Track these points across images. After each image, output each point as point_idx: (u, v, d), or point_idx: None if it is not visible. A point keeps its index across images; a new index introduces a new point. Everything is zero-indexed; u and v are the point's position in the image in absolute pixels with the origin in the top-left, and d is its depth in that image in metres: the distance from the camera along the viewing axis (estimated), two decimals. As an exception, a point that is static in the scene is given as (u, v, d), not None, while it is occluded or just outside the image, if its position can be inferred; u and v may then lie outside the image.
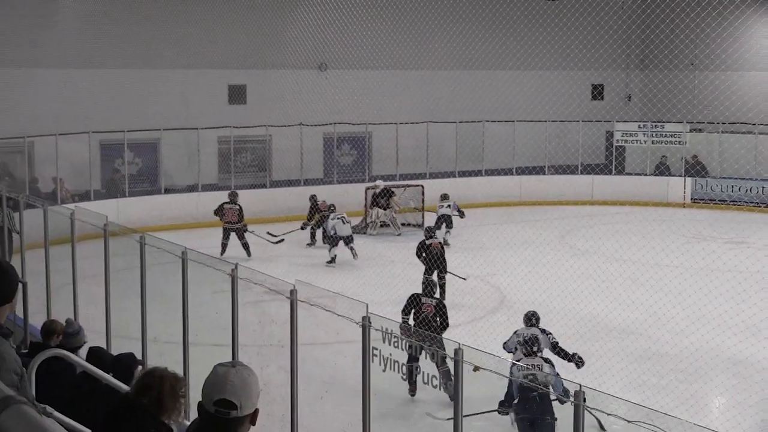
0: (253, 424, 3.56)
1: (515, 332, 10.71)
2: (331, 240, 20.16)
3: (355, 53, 26.48)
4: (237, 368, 3.51)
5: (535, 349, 9.68)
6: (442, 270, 16.44)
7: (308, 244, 22.31)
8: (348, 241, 20.19)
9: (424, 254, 16.50)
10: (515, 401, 9.18)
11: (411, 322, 11.97)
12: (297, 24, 25.90)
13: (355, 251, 20.07)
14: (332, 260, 19.80)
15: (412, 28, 27.70)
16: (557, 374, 9.16)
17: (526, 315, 10.99)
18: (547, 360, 9.71)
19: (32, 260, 12.51)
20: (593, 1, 24.75)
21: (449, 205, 22.51)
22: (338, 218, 20.30)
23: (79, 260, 11.32)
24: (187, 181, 25.97)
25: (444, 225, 22.06)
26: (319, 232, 21.94)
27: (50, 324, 8.09)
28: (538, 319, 10.91)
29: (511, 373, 8.40)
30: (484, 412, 9.73)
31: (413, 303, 12.14)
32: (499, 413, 9.57)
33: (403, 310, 12.13)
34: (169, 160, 25.72)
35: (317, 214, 22.32)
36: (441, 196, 23.06)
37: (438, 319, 11.93)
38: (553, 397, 8.93)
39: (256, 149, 27.84)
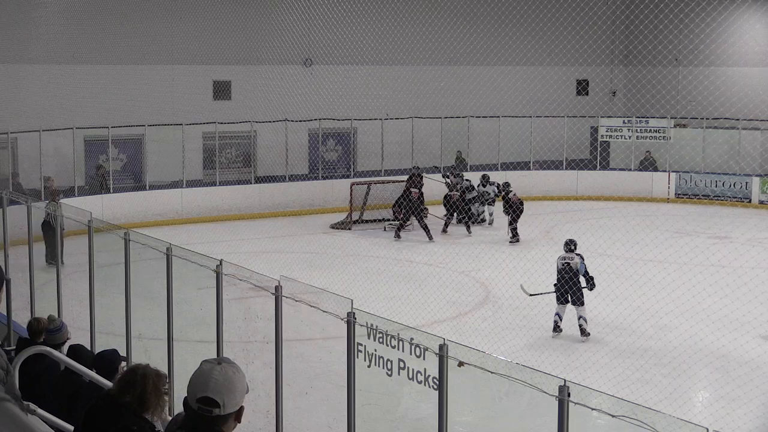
0: (239, 422, 3.55)
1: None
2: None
3: (340, 49, 26.45)
4: (222, 365, 3.50)
5: (572, 247, 14.21)
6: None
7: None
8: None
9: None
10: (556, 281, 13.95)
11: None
12: (282, 20, 25.86)
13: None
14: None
15: (397, 24, 27.69)
16: (583, 263, 13.98)
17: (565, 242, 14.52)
18: (579, 255, 14.11)
19: (16, 256, 12.45)
20: (577, -3, 24.82)
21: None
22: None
23: (63, 256, 11.27)
24: (171, 177, 25.92)
25: None
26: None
27: (36, 324, 8.02)
28: (575, 246, 14.45)
29: (557, 263, 14.08)
30: (545, 293, 14.45)
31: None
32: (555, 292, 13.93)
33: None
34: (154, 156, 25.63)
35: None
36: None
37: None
38: (583, 284, 13.87)
39: (240, 145, 27.78)
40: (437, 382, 5.89)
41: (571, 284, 13.76)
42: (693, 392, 11.83)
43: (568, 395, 4.93)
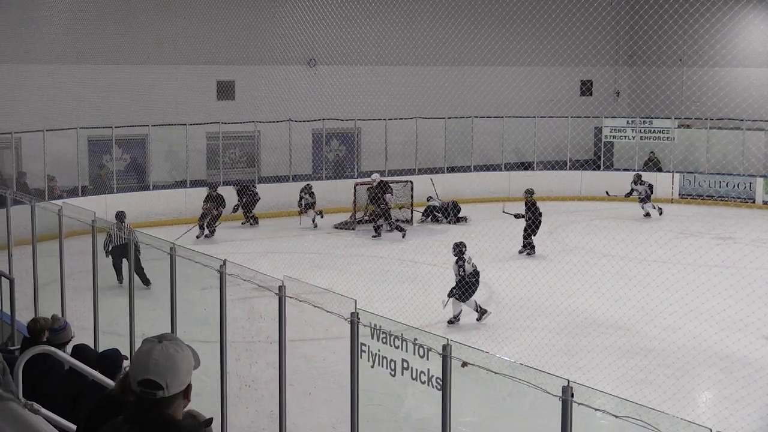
0: (188, 400, 3.39)
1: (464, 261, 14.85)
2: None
3: (343, 49, 26.44)
4: (164, 344, 3.30)
5: (464, 249, 14.84)
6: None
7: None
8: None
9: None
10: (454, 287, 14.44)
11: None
12: (285, 19, 25.85)
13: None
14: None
15: (401, 24, 27.68)
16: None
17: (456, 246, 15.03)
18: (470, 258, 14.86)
19: (20, 256, 12.47)
20: (582, -3, 24.83)
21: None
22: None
23: (66, 256, 11.29)
24: (175, 177, 25.94)
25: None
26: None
27: (34, 324, 8.01)
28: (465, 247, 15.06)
29: (465, 267, 14.52)
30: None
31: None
32: (449, 295, 14.43)
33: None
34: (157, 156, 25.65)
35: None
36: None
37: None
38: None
39: (244, 145, 27.79)
40: (441, 383, 5.90)
41: (474, 282, 14.59)
42: (697, 393, 11.81)
43: (572, 396, 4.93)
